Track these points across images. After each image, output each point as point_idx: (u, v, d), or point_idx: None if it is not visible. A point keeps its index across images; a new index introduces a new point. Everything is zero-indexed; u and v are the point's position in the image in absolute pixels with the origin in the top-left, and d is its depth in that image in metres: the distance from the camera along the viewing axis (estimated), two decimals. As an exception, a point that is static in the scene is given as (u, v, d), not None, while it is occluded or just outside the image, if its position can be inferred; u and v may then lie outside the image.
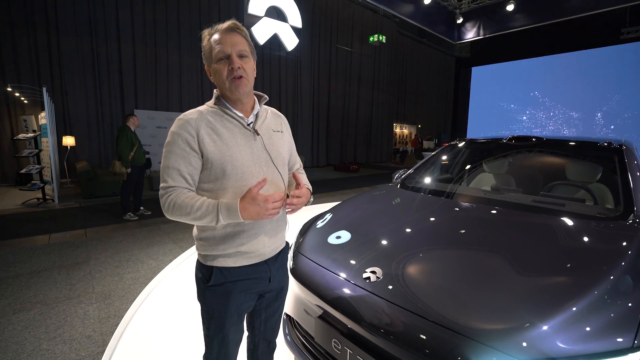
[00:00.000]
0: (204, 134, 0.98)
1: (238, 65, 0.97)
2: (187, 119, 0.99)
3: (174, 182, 0.97)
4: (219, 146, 0.99)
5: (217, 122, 1.02)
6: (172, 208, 0.94)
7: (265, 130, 1.10)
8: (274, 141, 1.11)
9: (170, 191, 0.96)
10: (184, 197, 0.94)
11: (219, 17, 9.99)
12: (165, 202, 0.96)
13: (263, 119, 1.11)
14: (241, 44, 0.99)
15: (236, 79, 0.98)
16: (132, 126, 4.72)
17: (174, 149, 0.97)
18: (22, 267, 3.12)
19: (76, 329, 2.15)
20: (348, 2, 13.37)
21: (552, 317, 0.93)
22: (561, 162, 2.24)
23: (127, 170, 4.65)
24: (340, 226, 1.71)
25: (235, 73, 0.97)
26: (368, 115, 15.63)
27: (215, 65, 0.99)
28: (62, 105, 7.83)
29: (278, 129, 1.15)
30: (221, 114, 1.03)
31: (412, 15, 10.71)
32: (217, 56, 0.98)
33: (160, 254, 3.53)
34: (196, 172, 1.00)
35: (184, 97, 9.73)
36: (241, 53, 0.99)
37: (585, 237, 1.39)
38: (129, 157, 4.60)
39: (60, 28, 7.61)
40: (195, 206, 0.92)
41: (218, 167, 0.98)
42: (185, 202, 0.93)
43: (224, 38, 0.97)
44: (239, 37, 0.99)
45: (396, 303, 1.09)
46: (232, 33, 0.98)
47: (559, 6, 9.95)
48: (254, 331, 1.21)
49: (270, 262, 1.11)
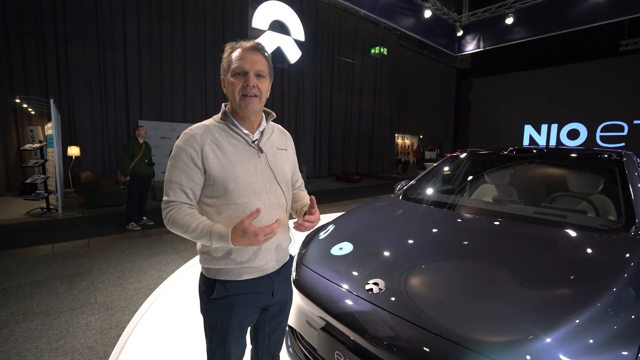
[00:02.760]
0: (208, 149, 1.00)
1: (253, 84, 0.99)
2: (193, 134, 1.01)
3: (175, 196, 0.99)
4: (223, 163, 1.00)
5: (222, 137, 1.03)
6: (171, 223, 0.98)
7: (269, 147, 1.11)
8: (278, 159, 1.12)
9: (171, 206, 0.99)
10: (183, 215, 0.97)
11: (223, 31, 10.22)
12: (166, 216, 0.99)
13: (268, 136, 1.13)
14: (261, 64, 1.01)
15: (247, 97, 1.00)
16: (139, 137, 4.86)
17: (177, 163, 1.00)
18: (25, 277, 3.13)
19: (78, 340, 2.14)
20: (349, 15, 13.63)
21: (555, 329, 0.93)
22: (562, 173, 2.25)
23: (125, 179, 4.84)
24: (342, 237, 1.72)
25: (249, 91, 0.99)
26: (370, 125, 15.74)
27: (231, 78, 1.01)
28: (68, 115, 7.97)
29: (282, 146, 1.17)
30: (227, 129, 1.05)
31: (413, 28, 10.88)
32: (234, 70, 1.00)
33: (163, 264, 3.53)
34: (198, 188, 1.02)
35: (187, 109, 9.88)
36: (259, 73, 1.01)
37: (587, 249, 1.39)
38: (128, 166, 4.73)
39: (68, 40, 7.81)
40: (191, 227, 0.95)
41: (220, 183, 1.00)
42: (183, 221, 0.96)
43: (245, 55, 1.00)
44: (260, 56, 1.02)
45: (399, 315, 1.10)
46: (254, 52, 1.01)
47: (557, 19, 10.09)
48: (258, 345, 1.20)
49: (273, 276, 1.11)
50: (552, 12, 10.12)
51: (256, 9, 10.02)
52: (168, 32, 9.24)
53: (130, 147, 4.75)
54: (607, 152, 2.10)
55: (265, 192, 1.05)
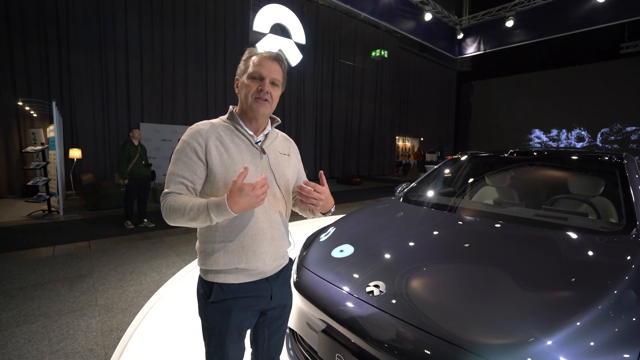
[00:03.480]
0: (212, 145, 1.01)
1: (267, 90, 1.03)
2: (199, 129, 1.03)
3: (175, 188, 0.99)
4: (225, 160, 1.01)
5: (227, 136, 1.05)
6: (169, 212, 0.96)
7: (272, 150, 1.13)
8: (280, 162, 1.13)
9: (168, 196, 0.99)
10: (179, 199, 0.96)
11: (224, 34, 10.27)
12: (164, 207, 0.97)
13: (272, 140, 1.14)
14: (277, 73, 1.05)
15: (260, 100, 1.03)
16: (133, 140, 4.91)
17: (181, 156, 1.01)
18: (26, 279, 3.13)
19: (79, 342, 2.14)
20: (350, 19, 13.68)
21: (556, 332, 0.93)
22: (563, 175, 2.24)
23: (124, 182, 4.89)
24: (343, 240, 1.72)
25: (262, 96, 1.03)
26: (371, 128, 15.75)
27: (246, 80, 1.04)
28: (69, 118, 8.00)
29: (285, 152, 1.18)
30: (232, 129, 1.07)
31: (413, 31, 10.92)
32: (252, 74, 1.03)
33: (164, 266, 3.53)
34: (199, 182, 1.02)
35: (188, 111, 9.91)
36: (274, 81, 1.05)
37: (588, 251, 1.39)
38: (126, 169, 4.79)
39: (71, 43, 7.86)
40: (187, 207, 0.93)
41: (221, 180, 1.01)
42: (179, 204, 0.94)
43: (264, 62, 1.03)
44: (277, 66, 1.06)
45: (400, 317, 1.09)
46: (273, 61, 1.05)
47: (557, 22, 10.10)
48: (258, 349, 1.20)
49: (272, 279, 1.11)
50: (552, 15, 10.14)
51: (257, 12, 10.05)
52: (170, 35, 9.29)
53: (126, 149, 4.81)
54: (608, 154, 2.09)
55: None
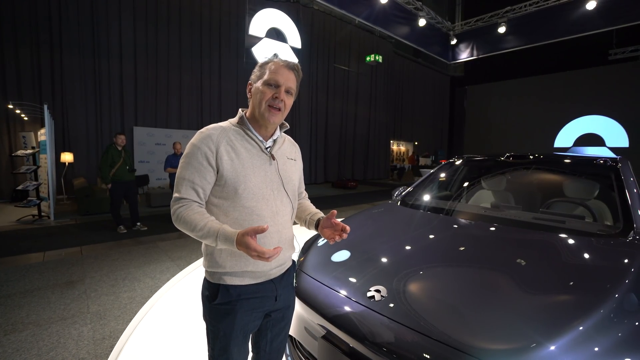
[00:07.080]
0: (223, 151, 1.02)
1: (282, 98, 1.05)
2: (209, 133, 1.03)
3: (186, 194, 1.00)
4: (235, 165, 1.02)
5: (238, 141, 1.06)
6: (179, 220, 0.98)
7: (280, 155, 1.15)
8: (287, 167, 1.16)
9: (181, 203, 1.00)
10: (192, 213, 0.97)
11: (219, 38, 10.26)
12: (174, 212, 1.00)
13: (280, 145, 1.16)
14: (292, 82, 1.08)
15: (273, 108, 1.04)
16: (117, 145, 4.89)
17: (191, 161, 1.01)
18: (15, 286, 3.05)
19: (69, 351, 2.08)
20: (345, 24, 13.79)
21: (559, 336, 0.92)
22: (559, 179, 2.26)
23: (107, 187, 4.88)
24: (342, 244, 1.70)
25: (276, 104, 1.04)
26: (365, 132, 15.82)
27: (261, 87, 1.05)
28: (61, 121, 7.89)
29: (292, 157, 1.21)
30: (243, 134, 1.08)
31: (408, 36, 11.03)
32: (267, 81, 1.04)
33: (158, 272, 3.46)
34: (209, 187, 1.03)
35: (182, 115, 9.85)
36: (289, 90, 1.07)
37: (587, 254, 1.39)
38: (108, 173, 4.77)
39: (64, 46, 7.78)
40: (199, 225, 0.95)
41: (231, 185, 1.01)
42: (191, 219, 0.96)
43: (281, 70, 1.05)
44: (293, 75, 1.08)
45: (402, 322, 1.08)
46: (290, 70, 1.07)
47: (548, 29, 10.33)
48: (260, 352, 1.19)
49: (277, 280, 1.12)
50: (543, 22, 10.36)
51: (253, 17, 10.11)
52: (164, 39, 9.25)
53: (109, 154, 4.78)
54: (603, 159, 2.12)
55: (272, 199, 1.07)
